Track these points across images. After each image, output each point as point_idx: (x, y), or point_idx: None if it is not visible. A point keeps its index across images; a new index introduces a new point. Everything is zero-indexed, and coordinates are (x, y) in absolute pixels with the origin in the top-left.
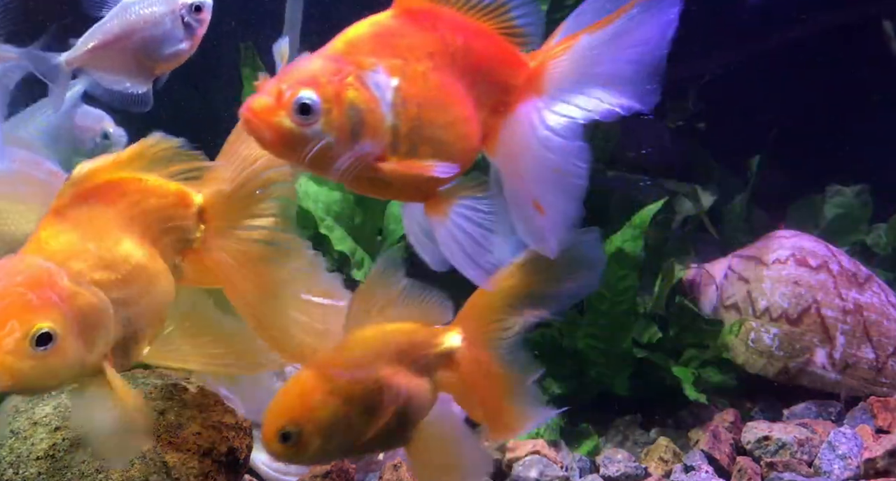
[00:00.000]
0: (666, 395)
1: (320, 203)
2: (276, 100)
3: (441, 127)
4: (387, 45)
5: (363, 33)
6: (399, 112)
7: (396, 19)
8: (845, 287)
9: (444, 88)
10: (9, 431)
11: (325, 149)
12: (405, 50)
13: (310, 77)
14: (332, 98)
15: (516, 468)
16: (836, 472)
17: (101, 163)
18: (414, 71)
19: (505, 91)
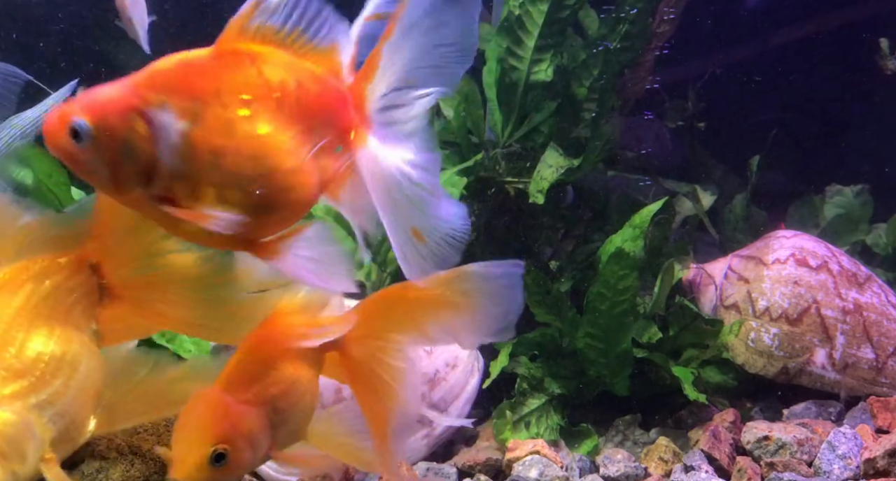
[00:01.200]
0: (666, 395)
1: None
2: (59, 119)
3: (249, 178)
4: (190, 84)
5: (169, 68)
6: (185, 157)
7: (214, 59)
8: (845, 287)
9: (257, 139)
10: None
11: (98, 176)
12: (211, 93)
13: (91, 103)
14: (105, 128)
15: (516, 468)
16: (836, 472)
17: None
18: (216, 116)
19: (342, 133)
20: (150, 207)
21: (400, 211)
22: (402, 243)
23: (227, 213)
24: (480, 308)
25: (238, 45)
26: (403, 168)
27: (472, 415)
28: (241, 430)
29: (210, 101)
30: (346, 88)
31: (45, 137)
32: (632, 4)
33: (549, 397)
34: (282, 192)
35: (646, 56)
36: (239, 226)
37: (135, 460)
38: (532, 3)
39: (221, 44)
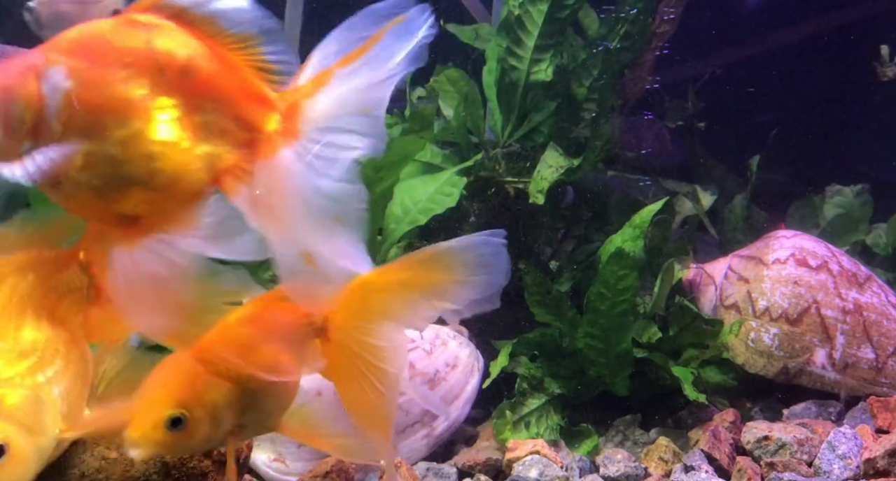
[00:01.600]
0: (666, 395)
1: None
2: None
3: (121, 145)
4: (84, 47)
5: (75, 32)
6: (64, 116)
7: (114, 26)
8: (845, 287)
9: (127, 101)
10: None
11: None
12: (98, 55)
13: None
14: (3, 88)
15: (516, 468)
16: (836, 472)
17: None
18: (97, 77)
19: (250, 130)
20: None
21: (308, 231)
22: (287, 262)
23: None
24: (463, 281)
25: (140, 17)
26: (332, 185)
27: (473, 415)
28: (205, 400)
29: (96, 62)
30: (271, 91)
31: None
32: (632, 4)
33: (549, 397)
34: (148, 159)
35: (646, 56)
36: (102, 196)
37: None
38: (532, 3)
39: (127, 12)
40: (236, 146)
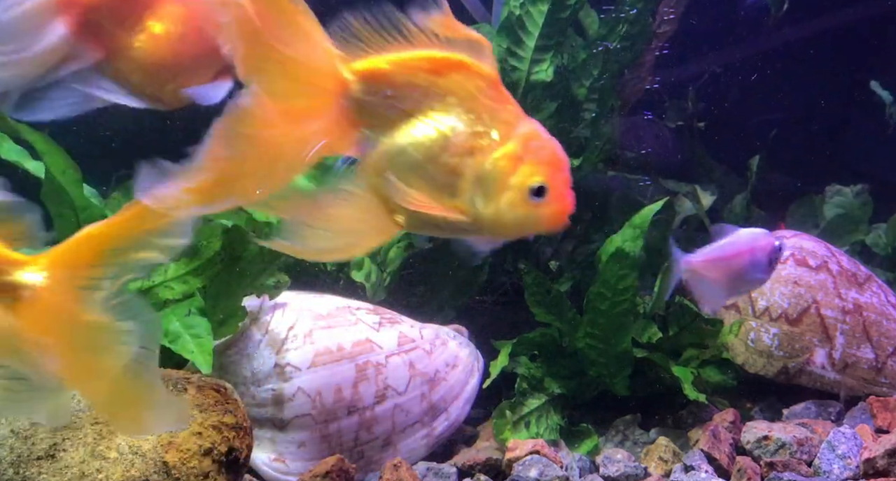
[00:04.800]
0: (666, 395)
1: None
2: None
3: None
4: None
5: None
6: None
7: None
8: (845, 287)
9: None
10: (9, 431)
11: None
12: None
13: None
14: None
15: (516, 468)
16: (836, 472)
17: None
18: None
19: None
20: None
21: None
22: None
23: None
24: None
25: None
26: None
27: (473, 415)
28: None
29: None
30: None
31: None
32: (632, 4)
33: (549, 397)
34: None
35: (646, 56)
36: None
37: (135, 460)
38: (532, 3)
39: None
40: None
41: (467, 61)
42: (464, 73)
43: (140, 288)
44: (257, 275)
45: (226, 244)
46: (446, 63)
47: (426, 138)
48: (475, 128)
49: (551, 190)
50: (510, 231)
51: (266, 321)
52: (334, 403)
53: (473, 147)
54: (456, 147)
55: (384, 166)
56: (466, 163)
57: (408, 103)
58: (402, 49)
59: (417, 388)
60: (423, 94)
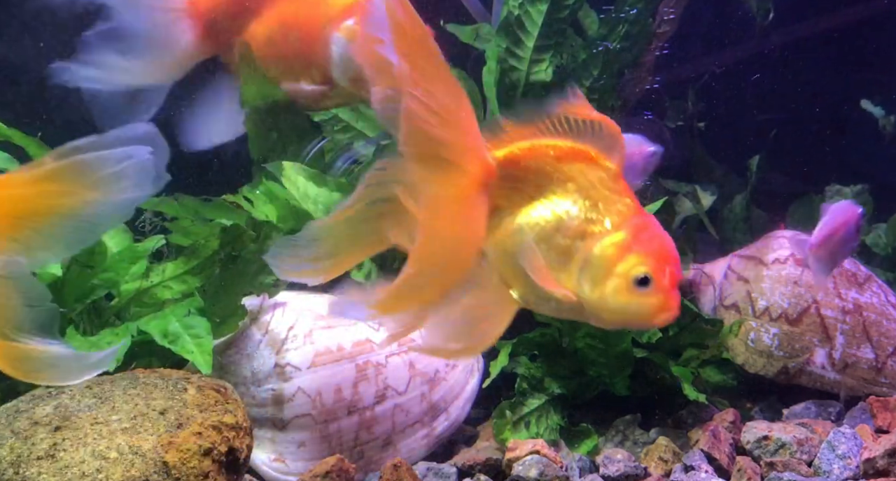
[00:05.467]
0: (666, 395)
1: (320, 204)
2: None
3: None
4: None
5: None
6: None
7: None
8: (845, 287)
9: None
10: (9, 431)
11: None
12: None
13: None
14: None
15: (516, 468)
16: (836, 472)
17: None
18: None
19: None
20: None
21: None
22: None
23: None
24: (100, 199)
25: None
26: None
27: (473, 415)
28: None
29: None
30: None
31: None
32: (632, 4)
33: (548, 397)
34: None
35: (646, 56)
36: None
37: (135, 460)
38: (531, 3)
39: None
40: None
41: (592, 153)
42: (587, 163)
43: (139, 288)
44: (256, 274)
45: (224, 243)
46: (572, 152)
47: (542, 219)
48: (589, 215)
49: (656, 282)
50: (614, 318)
51: (266, 321)
52: (334, 403)
53: (585, 232)
54: (569, 230)
55: (506, 242)
56: (577, 247)
57: (532, 187)
58: (537, 136)
59: (417, 388)
60: (547, 179)
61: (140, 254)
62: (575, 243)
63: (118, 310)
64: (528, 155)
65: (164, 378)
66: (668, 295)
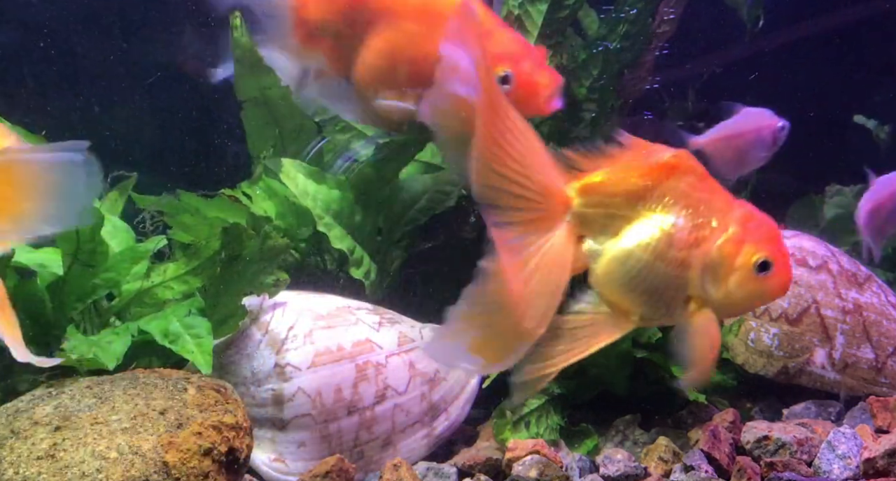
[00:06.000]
0: (666, 395)
1: (319, 201)
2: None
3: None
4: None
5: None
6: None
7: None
8: (845, 287)
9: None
10: (9, 431)
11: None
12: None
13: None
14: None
15: (516, 468)
16: (836, 472)
17: None
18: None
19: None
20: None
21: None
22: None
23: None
24: (33, 206)
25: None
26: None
27: (473, 415)
28: None
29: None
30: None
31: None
32: (632, 4)
33: (548, 397)
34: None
35: (646, 56)
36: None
37: (135, 460)
38: (531, 3)
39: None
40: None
41: (674, 163)
42: (674, 174)
43: (140, 288)
44: (257, 274)
45: (225, 243)
46: (657, 168)
47: (652, 238)
48: (695, 222)
49: (775, 262)
50: (740, 308)
51: (266, 321)
52: (334, 403)
53: (697, 239)
54: (681, 242)
55: (615, 270)
56: (693, 255)
57: (626, 209)
58: (611, 163)
59: (417, 388)
60: (639, 199)
61: (142, 255)
62: (690, 252)
63: (119, 309)
64: (609, 180)
65: (164, 378)
66: (787, 269)
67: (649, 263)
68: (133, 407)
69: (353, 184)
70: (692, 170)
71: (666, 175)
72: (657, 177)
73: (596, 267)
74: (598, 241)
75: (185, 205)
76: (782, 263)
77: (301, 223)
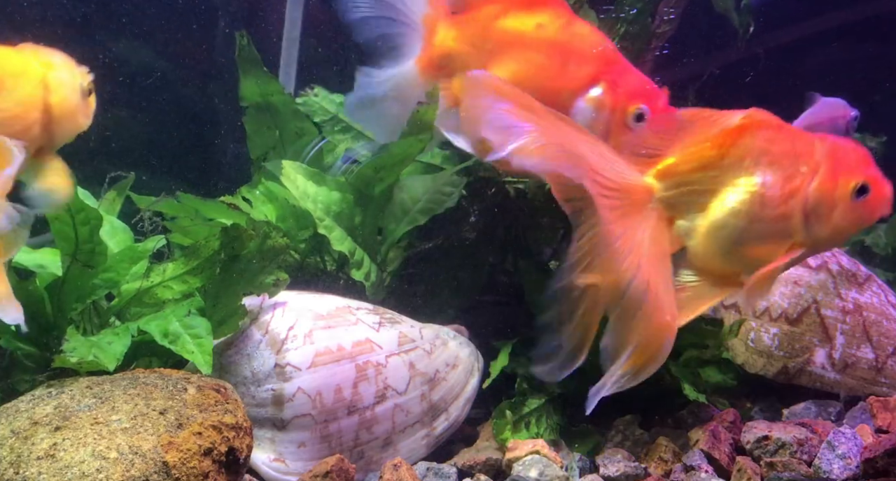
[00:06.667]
0: (666, 395)
1: (319, 203)
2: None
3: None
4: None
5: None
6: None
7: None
8: (845, 287)
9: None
10: (9, 431)
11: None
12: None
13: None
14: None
15: (516, 468)
16: (836, 472)
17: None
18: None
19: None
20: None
21: None
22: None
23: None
24: None
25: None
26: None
27: (472, 415)
28: None
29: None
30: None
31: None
32: (632, 4)
33: (549, 397)
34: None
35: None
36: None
37: (135, 460)
38: None
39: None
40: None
41: (745, 123)
42: (748, 134)
43: (140, 288)
44: (256, 274)
45: (224, 243)
46: (729, 133)
47: (742, 204)
48: (784, 174)
49: (871, 183)
50: (847, 237)
51: (266, 321)
52: (334, 403)
53: (791, 190)
54: (774, 198)
55: (712, 244)
56: (791, 206)
57: (708, 183)
58: (682, 138)
59: (417, 388)
60: (718, 169)
61: (141, 255)
62: (787, 204)
63: (118, 309)
64: (684, 159)
65: (164, 378)
66: (883, 186)
67: (746, 228)
68: (133, 407)
69: (353, 185)
70: (766, 125)
71: (739, 138)
72: (731, 142)
73: (692, 244)
74: (688, 220)
75: (184, 207)
76: (878, 182)
77: (301, 226)
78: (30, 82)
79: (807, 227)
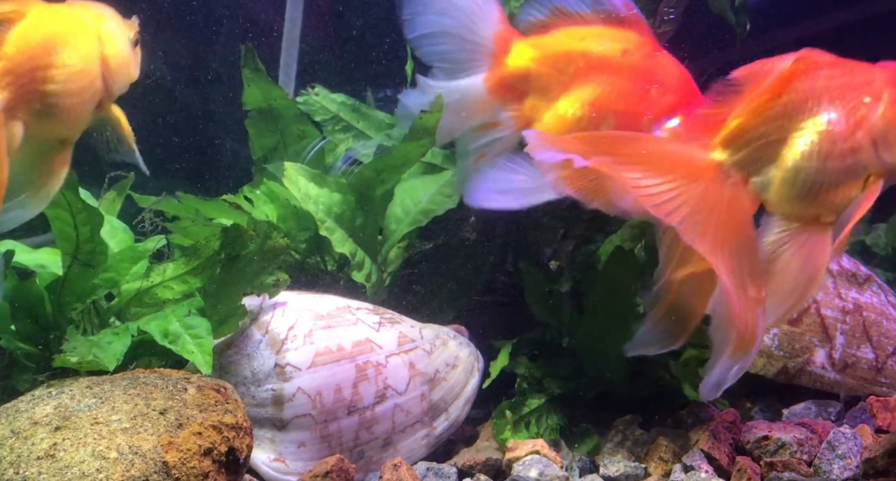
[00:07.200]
0: (666, 395)
1: (321, 204)
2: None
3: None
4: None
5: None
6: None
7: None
8: (845, 287)
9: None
10: (9, 431)
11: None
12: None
13: None
14: None
15: (516, 468)
16: (836, 472)
17: None
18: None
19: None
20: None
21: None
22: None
23: None
24: None
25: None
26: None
27: (472, 415)
28: None
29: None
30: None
31: None
32: None
33: (549, 397)
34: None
35: None
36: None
37: (135, 460)
38: None
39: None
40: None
41: (797, 66)
42: (803, 76)
43: (140, 288)
44: (257, 274)
45: (225, 243)
46: (784, 79)
47: (812, 146)
48: (847, 108)
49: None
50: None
51: (266, 321)
52: (334, 403)
53: (857, 121)
54: (842, 133)
55: (789, 191)
56: (860, 138)
57: (774, 133)
58: (743, 98)
59: (417, 388)
60: (781, 117)
61: (141, 255)
62: (856, 137)
63: (118, 309)
64: (746, 118)
65: (164, 378)
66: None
67: (821, 168)
68: (133, 407)
69: (355, 187)
70: (820, 63)
71: (796, 81)
72: (787, 88)
73: (770, 197)
74: (762, 175)
75: (185, 208)
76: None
77: (302, 226)
78: (88, 36)
79: (879, 157)
